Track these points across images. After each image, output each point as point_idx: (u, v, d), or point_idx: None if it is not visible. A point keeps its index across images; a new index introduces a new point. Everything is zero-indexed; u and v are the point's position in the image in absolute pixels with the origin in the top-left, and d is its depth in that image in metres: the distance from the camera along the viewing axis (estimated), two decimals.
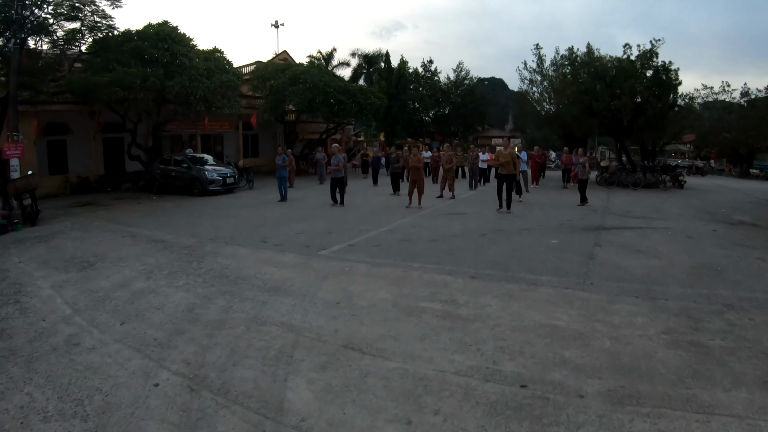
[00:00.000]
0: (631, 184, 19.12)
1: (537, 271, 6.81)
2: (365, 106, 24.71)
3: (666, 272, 6.85)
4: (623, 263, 7.30)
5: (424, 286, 6.14)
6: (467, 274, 6.67)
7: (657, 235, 9.69)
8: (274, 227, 10.69)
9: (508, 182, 12.17)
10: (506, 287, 6.05)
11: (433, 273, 6.74)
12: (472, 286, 6.09)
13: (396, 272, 6.79)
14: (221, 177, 17.94)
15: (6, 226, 10.88)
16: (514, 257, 7.66)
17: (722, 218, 12.36)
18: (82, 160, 20.61)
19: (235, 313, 5.17)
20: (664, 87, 19.53)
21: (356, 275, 6.67)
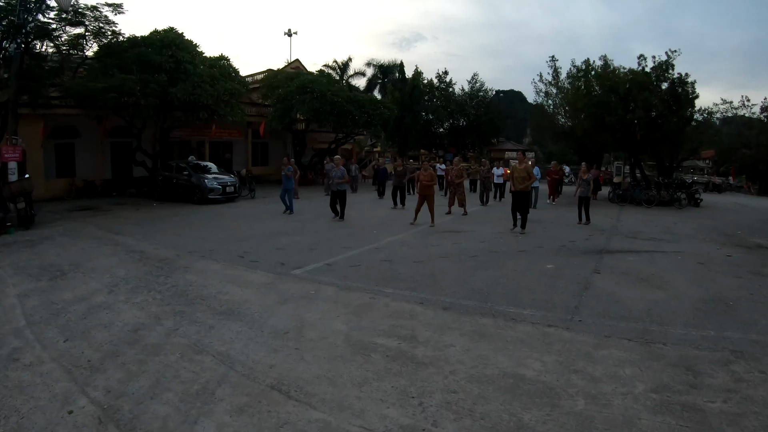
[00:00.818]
0: (645, 202, 18.09)
1: (521, 303, 6.07)
2: (374, 117, 24.17)
3: (669, 307, 6.03)
4: (622, 295, 6.49)
5: (387, 316, 5.48)
6: (441, 304, 5.98)
7: (665, 260, 8.81)
8: (259, 241, 10.22)
9: (523, 199, 11.51)
10: (479, 323, 5.33)
11: (403, 301, 6.07)
12: (441, 320, 5.40)
13: (363, 298, 6.16)
14: (221, 186, 17.66)
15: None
16: (500, 285, 6.92)
17: (738, 241, 11.39)
18: (90, 163, 20.78)
19: (177, 337, 4.81)
20: (680, 100, 18.50)
21: (318, 300, 6.07)
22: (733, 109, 23.12)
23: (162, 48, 17.28)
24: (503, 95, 69.56)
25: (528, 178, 11.37)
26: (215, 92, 17.96)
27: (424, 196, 12.46)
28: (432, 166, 21.73)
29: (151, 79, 16.56)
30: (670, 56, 18.63)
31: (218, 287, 6.58)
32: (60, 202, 17.62)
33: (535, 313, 5.70)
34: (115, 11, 15.89)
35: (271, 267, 7.80)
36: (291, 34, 34.43)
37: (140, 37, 17.61)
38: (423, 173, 12.68)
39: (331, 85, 23.27)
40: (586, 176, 12.88)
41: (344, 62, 38.87)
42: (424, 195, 12.47)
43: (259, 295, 6.27)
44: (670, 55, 18.63)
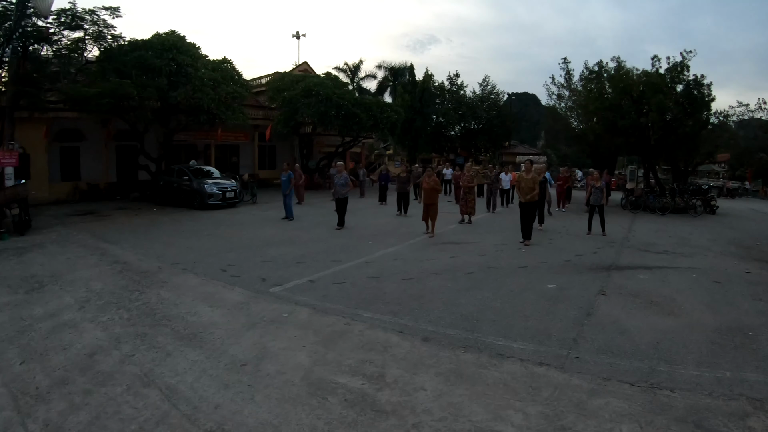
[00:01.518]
0: (659, 209, 17.18)
1: (512, 333, 5.43)
2: (381, 120, 23.55)
3: (681, 339, 5.34)
4: (628, 323, 5.80)
5: (358, 348, 4.93)
6: (421, 333, 5.38)
7: (678, 278, 8.07)
8: (248, 252, 9.75)
9: (532, 211, 10.86)
10: (460, 359, 4.72)
11: (380, 328, 5.49)
12: (417, 354, 4.81)
13: (337, 324, 5.60)
14: (221, 191, 17.28)
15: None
16: (492, 310, 6.27)
17: (757, 254, 10.57)
18: (95, 167, 20.66)
19: (130, 365, 4.49)
20: (695, 103, 17.52)
21: (289, 326, 5.55)
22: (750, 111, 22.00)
23: (163, 51, 17.07)
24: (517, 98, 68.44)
25: (534, 188, 10.68)
26: (217, 96, 17.58)
27: (426, 204, 11.85)
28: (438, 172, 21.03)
29: (151, 83, 16.31)
30: (685, 57, 17.67)
31: (189, 306, 6.19)
32: (63, 205, 17.48)
33: (526, 346, 5.07)
34: (113, 15, 15.76)
35: (251, 283, 7.34)
36: (299, 36, 34.15)
37: (141, 40, 17.39)
38: (425, 180, 12.06)
39: (337, 87, 22.71)
40: (599, 184, 12.09)
41: (355, 64, 38.44)
42: (426, 204, 11.87)
43: (228, 317, 5.81)
44: (685, 56, 17.67)
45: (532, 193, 10.61)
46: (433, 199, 11.83)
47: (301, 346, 4.89)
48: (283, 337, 5.16)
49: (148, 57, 16.56)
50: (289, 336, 5.19)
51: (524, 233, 10.85)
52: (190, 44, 18.66)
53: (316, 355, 4.69)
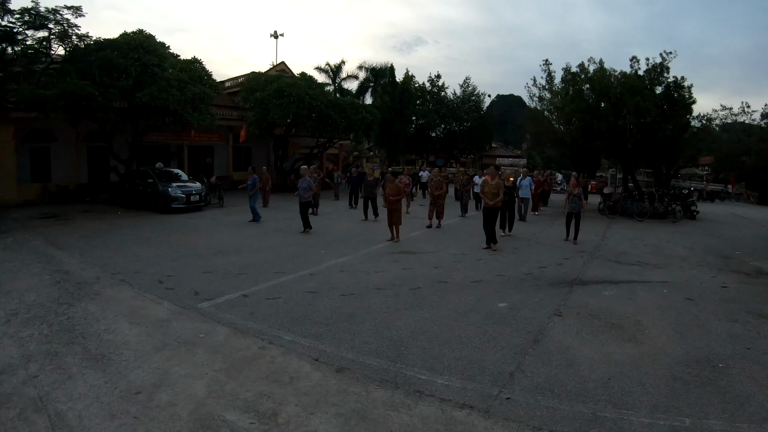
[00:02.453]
0: (636, 215, 16.36)
1: (440, 365, 4.59)
2: (355, 122, 22.67)
3: (638, 374, 4.51)
4: (579, 353, 4.95)
5: (263, 378, 4.29)
6: (339, 361, 4.67)
7: (647, 295, 7.23)
8: (193, 260, 9.03)
9: (495, 216, 10.34)
10: (370, 397, 3.96)
11: (295, 354, 4.82)
12: (325, 389, 4.10)
13: (251, 348, 4.95)
14: (185, 194, 16.42)
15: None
16: (427, 334, 5.40)
17: (736, 265, 9.79)
18: (66, 168, 19.86)
19: (31, 387, 4.10)
20: (676, 106, 16.77)
21: (201, 348, 4.95)
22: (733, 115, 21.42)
23: (129, 51, 16.31)
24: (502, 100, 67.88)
25: (498, 194, 10.07)
26: (183, 97, 16.69)
27: (389, 210, 11.01)
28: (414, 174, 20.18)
29: (115, 84, 15.68)
30: (665, 58, 16.91)
31: (110, 322, 5.66)
32: (32, 207, 16.70)
33: (452, 382, 4.24)
34: (76, 14, 15.40)
35: (182, 297, 6.68)
36: (277, 36, 32.96)
37: (107, 40, 16.61)
38: (388, 185, 11.17)
39: (311, 88, 21.79)
40: (576, 191, 11.28)
41: (337, 65, 37.61)
42: (389, 209, 11.03)
43: (143, 336, 5.25)
44: (665, 58, 16.91)
45: (496, 198, 10.03)
46: (395, 205, 11.03)
47: (203, 374, 4.33)
48: (189, 362, 4.57)
49: (114, 57, 15.82)
50: (196, 361, 4.60)
51: (488, 238, 10.35)
52: (159, 44, 17.88)
53: (216, 384, 4.13)
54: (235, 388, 4.06)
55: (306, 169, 13.05)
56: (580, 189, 11.45)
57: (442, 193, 13.32)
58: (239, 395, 3.93)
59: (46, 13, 14.79)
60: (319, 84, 24.18)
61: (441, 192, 13.26)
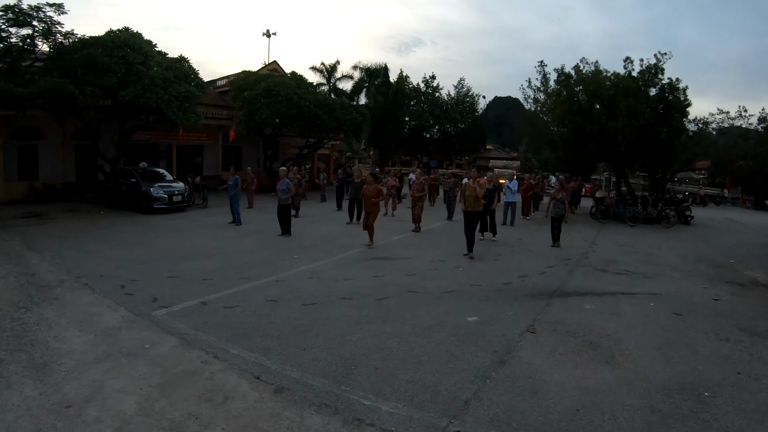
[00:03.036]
0: (629, 220, 15.78)
1: (390, 389, 4.07)
2: (345, 122, 22.07)
3: (611, 403, 3.96)
4: (549, 377, 4.40)
5: (197, 396, 3.91)
6: (281, 380, 4.24)
7: (632, 309, 6.66)
8: (162, 264, 8.54)
9: (475, 221, 9.77)
10: (304, 424, 3.56)
11: (237, 371, 4.40)
12: (257, 412, 3.71)
13: (194, 362, 4.56)
14: (167, 195, 15.92)
15: None
16: (383, 351, 4.87)
17: (730, 275, 9.23)
18: (53, 166, 19.32)
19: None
20: (670, 108, 16.17)
21: (142, 360, 4.60)
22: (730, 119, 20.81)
23: (113, 49, 15.84)
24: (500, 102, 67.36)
25: (480, 198, 9.53)
26: (167, 95, 16.13)
27: (366, 213, 10.46)
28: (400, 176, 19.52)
29: (98, 82, 15.30)
30: (659, 59, 16.28)
31: (61, 329, 5.32)
32: (18, 206, 16.22)
33: (398, 410, 3.74)
34: (58, 11, 15.03)
35: (140, 303, 6.28)
36: (269, 35, 32.19)
37: (91, 38, 16.18)
38: (367, 187, 10.61)
39: (300, 87, 21.19)
40: (560, 195, 10.74)
41: (332, 65, 36.94)
42: (366, 212, 10.48)
43: (90, 345, 4.92)
44: (659, 59, 16.28)
45: (477, 202, 9.48)
46: (374, 207, 10.46)
47: (138, 389, 4.00)
48: (127, 376, 4.26)
49: (98, 55, 15.39)
50: (134, 374, 4.29)
51: (469, 244, 9.75)
52: (146, 42, 17.41)
53: (147, 402, 3.80)
54: (165, 406, 3.72)
55: (284, 170, 12.48)
56: (563, 193, 10.91)
57: (422, 196, 12.80)
58: (167, 415, 3.60)
59: (29, 10, 14.47)
60: (309, 83, 23.56)
61: (421, 195, 12.75)
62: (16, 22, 14.37)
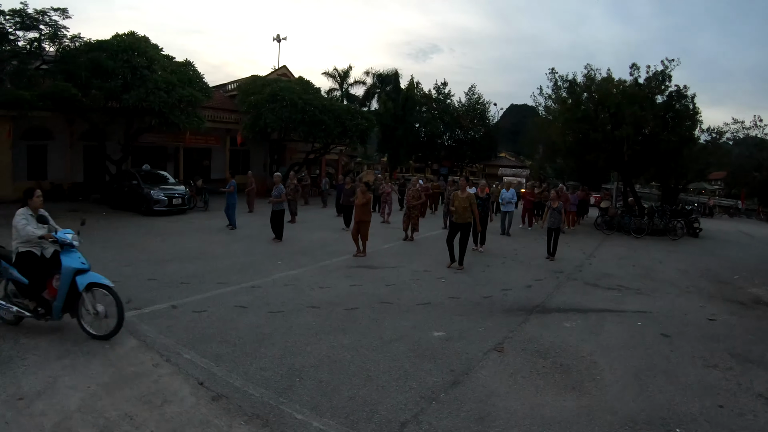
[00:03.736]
0: (634, 231, 15.11)
1: (328, 404, 3.84)
2: (350, 128, 21.80)
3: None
4: (501, 403, 4.02)
5: (138, 398, 3.89)
6: (223, 387, 4.11)
7: (616, 328, 6.17)
8: (146, 266, 8.42)
9: (464, 232, 9.16)
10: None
11: (184, 376, 4.31)
12: (188, 417, 3.64)
13: (146, 365, 4.51)
14: (167, 197, 15.91)
15: None
16: (335, 364, 4.60)
17: (732, 292, 8.65)
18: (62, 166, 19.66)
19: None
20: (678, 117, 15.47)
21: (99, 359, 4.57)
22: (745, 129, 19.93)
23: (118, 53, 16.04)
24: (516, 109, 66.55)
25: (469, 208, 9.06)
26: (170, 99, 16.15)
27: (357, 221, 10.06)
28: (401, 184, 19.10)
29: (102, 85, 15.41)
30: (666, 66, 15.59)
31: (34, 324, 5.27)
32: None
33: (328, 428, 3.52)
34: (63, 16, 15.37)
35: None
36: (280, 39, 32.17)
37: (97, 41, 16.45)
38: (358, 195, 10.22)
39: (306, 93, 21.01)
40: (557, 204, 10.26)
41: (344, 70, 36.78)
42: (357, 221, 10.08)
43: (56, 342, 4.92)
44: (666, 65, 15.59)
45: (466, 213, 9.03)
46: (365, 215, 10.09)
47: (86, 387, 4.01)
48: (80, 373, 4.26)
49: (102, 59, 15.55)
50: (87, 372, 4.28)
51: (452, 255, 9.32)
52: (152, 46, 17.66)
53: (91, 399, 3.83)
54: (106, 405, 3.74)
55: (279, 176, 12.20)
56: (560, 202, 10.40)
57: (418, 204, 12.41)
58: (105, 413, 3.61)
59: (35, 14, 14.74)
60: (316, 89, 23.36)
61: (418, 203, 12.36)
62: (23, 25, 14.62)
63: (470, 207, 9.01)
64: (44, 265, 5.17)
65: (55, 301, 4.92)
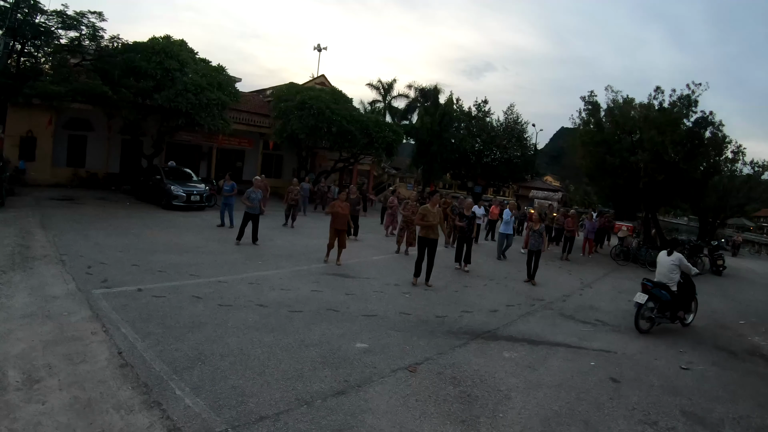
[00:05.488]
0: (649, 264, 14.01)
1: (209, 388, 4.08)
2: (377, 139, 21.70)
3: None
4: (371, 422, 3.92)
5: (63, 355, 4.48)
6: (135, 358, 4.53)
7: (562, 365, 5.67)
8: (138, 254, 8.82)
9: (432, 248, 8.69)
10: (110, 393, 3.87)
11: (110, 344, 4.76)
12: (91, 376, 4.13)
13: (86, 332, 5.00)
14: (186, 194, 16.46)
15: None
16: (242, 357, 4.74)
17: (729, 339, 7.81)
18: (99, 156, 20.98)
19: None
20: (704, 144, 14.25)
21: (53, 322, 5.15)
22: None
23: (152, 55, 16.81)
24: (566, 132, 64.39)
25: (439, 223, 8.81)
26: (198, 101, 16.72)
27: (335, 229, 9.77)
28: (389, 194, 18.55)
29: (133, 85, 16.21)
30: (693, 90, 14.44)
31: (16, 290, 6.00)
32: (60, 189, 17.71)
33: (196, 405, 3.78)
34: (100, 18, 16.50)
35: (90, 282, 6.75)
36: (320, 49, 32.63)
37: (133, 43, 17.37)
38: (339, 203, 9.88)
39: (335, 102, 21.10)
40: (538, 227, 9.70)
41: (388, 83, 36.97)
42: (338, 229, 9.78)
43: (27, 305, 5.55)
44: (693, 89, 14.44)
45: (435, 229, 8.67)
46: (345, 225, 9.86)
47: (30, 340, 4.64)
48: (32, 331, 4.88)
49: (136, 60, 16.41)
50: (38, 331, 4.89)
51: (418, 270, 8.78)
52: (187, 49, 18.48)
53: (29, 350, 4.44)
54: (38, 355, 4.33)
55: (258, 179, 12.08)
56: (542, 225, 9.83)
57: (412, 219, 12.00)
58: (33, 361, 4.21)
59: (75, 15, 15.93)
60: (347, 98, 23.43)
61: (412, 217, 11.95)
62: (65, 25, 15.78)
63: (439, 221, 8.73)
64: None
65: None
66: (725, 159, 15.75)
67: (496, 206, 15.93)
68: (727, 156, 15.15)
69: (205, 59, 19.34)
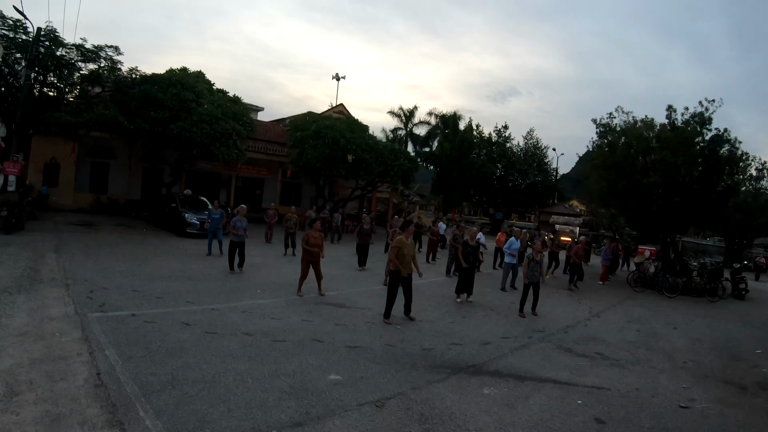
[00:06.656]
0: (666, 290, 13.38)
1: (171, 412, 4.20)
2: (392, 168, 21.79)
3: None
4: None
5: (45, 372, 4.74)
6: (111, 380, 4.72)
7: (544, 403, 5.41)
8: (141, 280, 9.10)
9: (407, 284, 8.11)
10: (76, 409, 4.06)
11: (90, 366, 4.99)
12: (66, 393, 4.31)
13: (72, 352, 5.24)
14: (199, 221, 16.88)
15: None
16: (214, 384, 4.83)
17: (740, 372, 7.32)
18: (120, 183, 22.02)
19: None
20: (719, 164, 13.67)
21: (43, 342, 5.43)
22: None
23: (168, 87, 17.50)
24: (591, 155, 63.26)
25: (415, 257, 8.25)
26: (212, 131, 17.24)
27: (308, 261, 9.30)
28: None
29: (149, 115, 16.85)
30: (706, 107, 13.94)
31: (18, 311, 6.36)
32: (81, 214, 18.62)
33: (155, 428, 3.88)
34: (117, 52, 17.35)
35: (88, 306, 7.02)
36: (338, 78, 33.31)
37: (150, 75, 18.21)
38: (312, 234, 9.37)
39: (351, 131, 21.39)
40: (539, 257, 9.40)
41: (410, 110, 37.29)
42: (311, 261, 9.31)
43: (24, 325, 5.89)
44: (706, 107, 13.94)
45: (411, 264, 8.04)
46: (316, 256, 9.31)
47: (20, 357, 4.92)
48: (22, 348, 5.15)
49: (153, 91, 17.23)
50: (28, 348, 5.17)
51: (389, 308, 8.03)
52: (204, 81, 19.17)
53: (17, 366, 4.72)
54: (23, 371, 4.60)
55: (244, 208, 12.13)
56: (542, 255, 9.51)
57: None
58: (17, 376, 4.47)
59: (94, 48, 16.81)
60: (363, 126, 23.73)
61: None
62: (84, 57, 16.68)
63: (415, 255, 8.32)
64: None
65: None
66: (749, 177, 15.12)
67: (502, 234, 15.50)
68: (751, 173, 14.54)
69: (222, 90, 20.08)
